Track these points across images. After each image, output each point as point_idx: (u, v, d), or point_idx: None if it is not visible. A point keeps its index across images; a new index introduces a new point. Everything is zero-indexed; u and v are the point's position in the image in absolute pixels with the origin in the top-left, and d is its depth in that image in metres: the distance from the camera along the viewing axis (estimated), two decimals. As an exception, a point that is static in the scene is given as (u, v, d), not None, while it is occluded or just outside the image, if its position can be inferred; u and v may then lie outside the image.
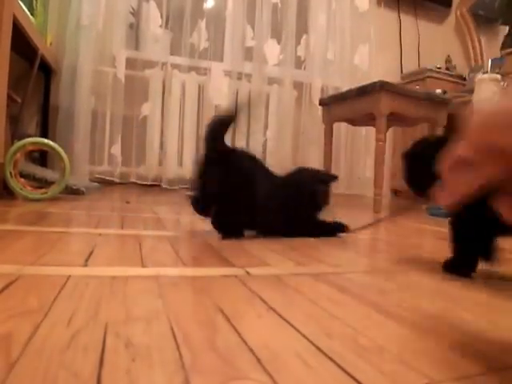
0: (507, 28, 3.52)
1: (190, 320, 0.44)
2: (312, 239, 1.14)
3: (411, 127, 2.75)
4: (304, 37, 3.16)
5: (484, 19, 3.70)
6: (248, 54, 2.95)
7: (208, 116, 2.79)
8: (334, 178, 1.19)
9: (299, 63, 3.17)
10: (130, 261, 0.71)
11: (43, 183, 1.74)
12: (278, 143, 3.00)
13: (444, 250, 0.79)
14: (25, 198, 1.61)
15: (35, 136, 2.16)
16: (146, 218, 1.32)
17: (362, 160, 3.23)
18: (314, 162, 3.02)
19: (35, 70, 2.00)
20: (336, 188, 2.86)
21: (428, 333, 0.44)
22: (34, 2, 2.03)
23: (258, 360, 0.35)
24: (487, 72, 3.20)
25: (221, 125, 1.02)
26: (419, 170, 0.69)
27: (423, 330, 0.45)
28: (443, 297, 0.61)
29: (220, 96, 2.82)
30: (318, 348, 0.38)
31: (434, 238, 0.70)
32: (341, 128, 3.07)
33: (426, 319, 0.48)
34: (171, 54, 2.77)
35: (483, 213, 0.52)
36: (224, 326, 0.43)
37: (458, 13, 3.72)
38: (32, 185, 1.70)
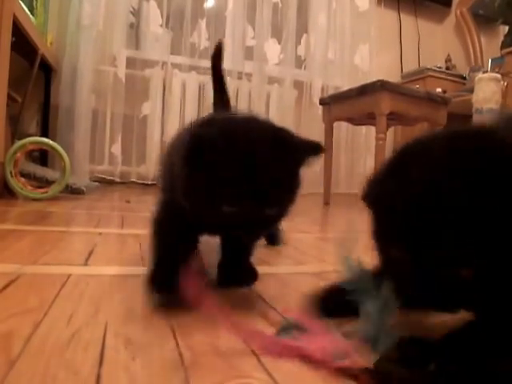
0: (507, 27, 3.52)
1: (190, 319, 0.44)
2: (312, 237, 1.14)
3: (411, 126, 2.75)
4: (304, 36, 3.16)
5: (484, 19, 3.69)
6: (248, 53, 2.94)
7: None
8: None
9: (299, 63, 3.17)
10: (130, 260, 0.71)
11: (43, 182, 1.74)
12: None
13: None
14: (25, 197, 1.61)
15: (35, 135, 2.16)
16: (147, 218, 1.32)
17: (363, 159, 3.23)
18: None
19: (35, 70, 2.00)
20: (336, 187, 2.87)
21: (427, 332, 0.45)
22: (35, 1, 2.03)
23: (258, 359, 0.35)
24: (487, 71, 3.20)
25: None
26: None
27: (422, 328, 0.45)
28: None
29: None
30: (318, 346, 0.38)
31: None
32: (341, 127, 3.07)
33: (425, 318, 0.48)
34: (171, 54, 2.77)
35: None
36: (224, 324, 0.43)
37: (458, 12, 3.72)
38: (32, 184, 1.70)
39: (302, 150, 0.48)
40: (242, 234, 0.47)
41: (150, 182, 2.69)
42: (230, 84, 2.85)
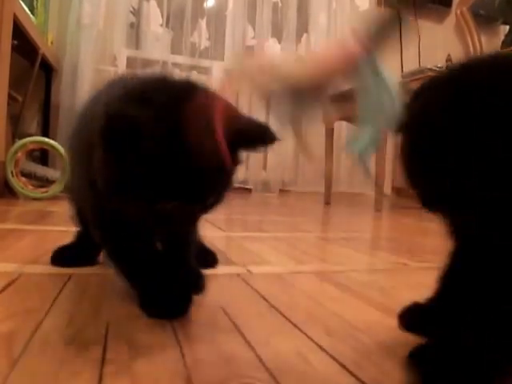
0: (507, 27, 3.51)
1: (192, 318, 0.44)
2: (313, 236, 1.14)
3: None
4: (304, 36, 3.16)
5: (484, 18, 3.69)
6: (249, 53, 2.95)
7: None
8: None
9: (300, 62, 3.17)
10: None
11: (44, 182, 1.74)
12: (278, 142, 3.00)
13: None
14: (26, 196, 1.61)
15: (36, 135, 2.16)
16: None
17: (363, 159, 3.23)
18: (315, 160, 3.02)
19: (36, 69, 2.00)
20: (337, 186, 2.87)
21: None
22: (35, 1, 2.03)
23: (260, 358, 0.35)
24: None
25: None
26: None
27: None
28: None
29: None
30: (320, 346, 0.38)
31: (437, 236, 0.70)
32: (342, 127, 3.07)
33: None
34: (172, 53, 2.77)
35: None
36: (225, 324, 0.43)
37: (458, 12, 3.71)
38: (33, 184, 1.70)
39: (249, 135, 0.41)
40: (175, 228, 0.44)
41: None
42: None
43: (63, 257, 0.63)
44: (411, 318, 0.43)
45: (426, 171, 0.32)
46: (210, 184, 0.39)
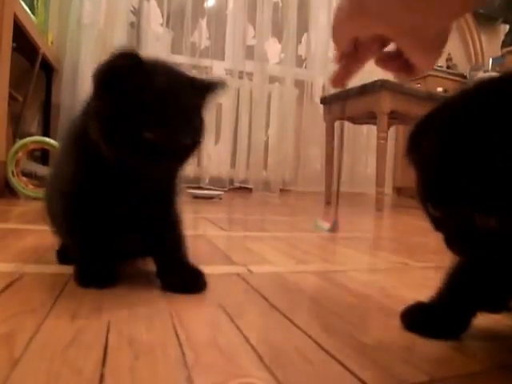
0: (507, 26, 3.51)
1: (193, 318, 0.44)
2: (313, 236, 1.14)
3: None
4: (305, 35, 3.16)
5: (484, 18, 3.69)
6: (249, 52, 2.95)
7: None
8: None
9: (300, 62, 3.17)
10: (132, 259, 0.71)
11: (45, 181, 1.74)
12: (279, 141, 3.00)
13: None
14: (27, 196, 1.61)
15: (37, 135, 2.16)
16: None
17: (364, 158, 3.23)
18: (316, 160, 3.03)
19: (36, 69, 2.00)
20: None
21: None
22: (35, 0, 2.03)
23: (260, 358, 0.35)
24: (488, 71, 3.19)
25: None
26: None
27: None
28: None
29: (221, 95, 2.82)
30: (320, 345, 0.38)
31: (438, 236, 0.70)
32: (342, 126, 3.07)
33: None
34: (172, 53, 2.77)
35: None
36: (226, 323, 0.43)
37: (459, 11, 3.71)
38: (34, 183, 1.70)
39: (208, 85, 0.52)
40: (159, 167, 0.48)
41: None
42: (231, 83, 2.86)
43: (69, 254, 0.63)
44: (413, 317, 0.43)
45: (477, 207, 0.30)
46: (185, 117, 0.47)
